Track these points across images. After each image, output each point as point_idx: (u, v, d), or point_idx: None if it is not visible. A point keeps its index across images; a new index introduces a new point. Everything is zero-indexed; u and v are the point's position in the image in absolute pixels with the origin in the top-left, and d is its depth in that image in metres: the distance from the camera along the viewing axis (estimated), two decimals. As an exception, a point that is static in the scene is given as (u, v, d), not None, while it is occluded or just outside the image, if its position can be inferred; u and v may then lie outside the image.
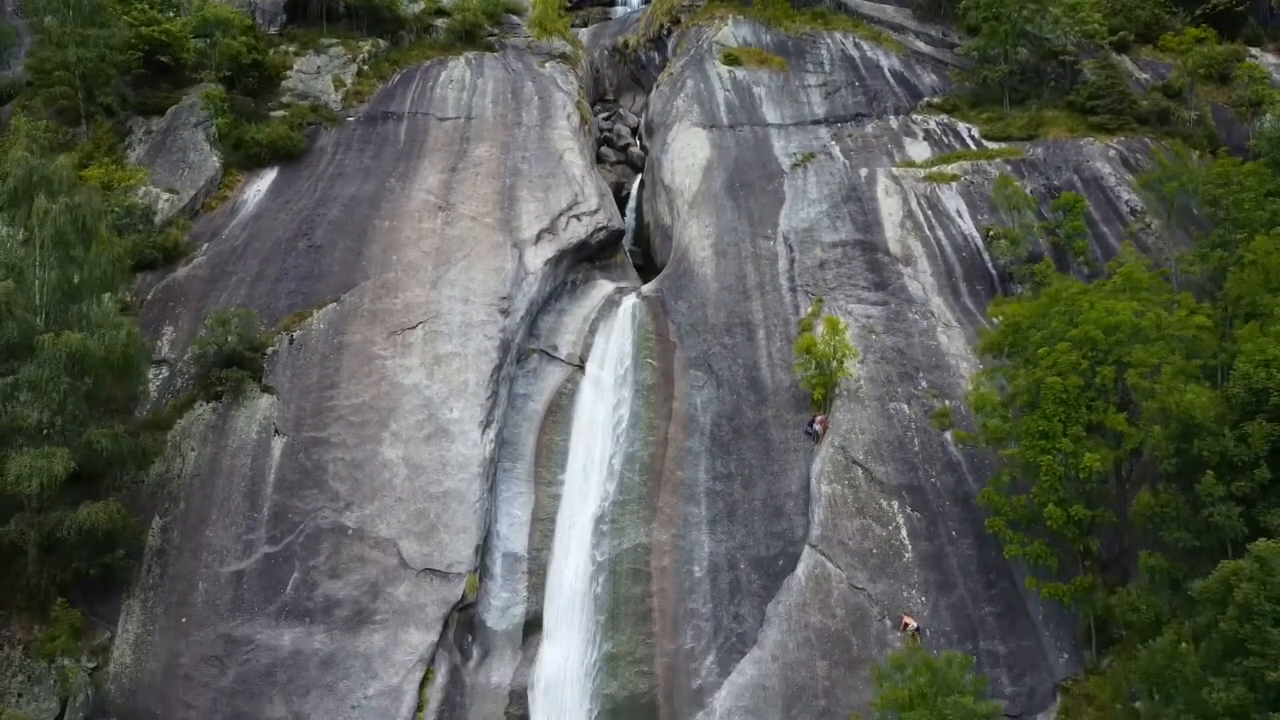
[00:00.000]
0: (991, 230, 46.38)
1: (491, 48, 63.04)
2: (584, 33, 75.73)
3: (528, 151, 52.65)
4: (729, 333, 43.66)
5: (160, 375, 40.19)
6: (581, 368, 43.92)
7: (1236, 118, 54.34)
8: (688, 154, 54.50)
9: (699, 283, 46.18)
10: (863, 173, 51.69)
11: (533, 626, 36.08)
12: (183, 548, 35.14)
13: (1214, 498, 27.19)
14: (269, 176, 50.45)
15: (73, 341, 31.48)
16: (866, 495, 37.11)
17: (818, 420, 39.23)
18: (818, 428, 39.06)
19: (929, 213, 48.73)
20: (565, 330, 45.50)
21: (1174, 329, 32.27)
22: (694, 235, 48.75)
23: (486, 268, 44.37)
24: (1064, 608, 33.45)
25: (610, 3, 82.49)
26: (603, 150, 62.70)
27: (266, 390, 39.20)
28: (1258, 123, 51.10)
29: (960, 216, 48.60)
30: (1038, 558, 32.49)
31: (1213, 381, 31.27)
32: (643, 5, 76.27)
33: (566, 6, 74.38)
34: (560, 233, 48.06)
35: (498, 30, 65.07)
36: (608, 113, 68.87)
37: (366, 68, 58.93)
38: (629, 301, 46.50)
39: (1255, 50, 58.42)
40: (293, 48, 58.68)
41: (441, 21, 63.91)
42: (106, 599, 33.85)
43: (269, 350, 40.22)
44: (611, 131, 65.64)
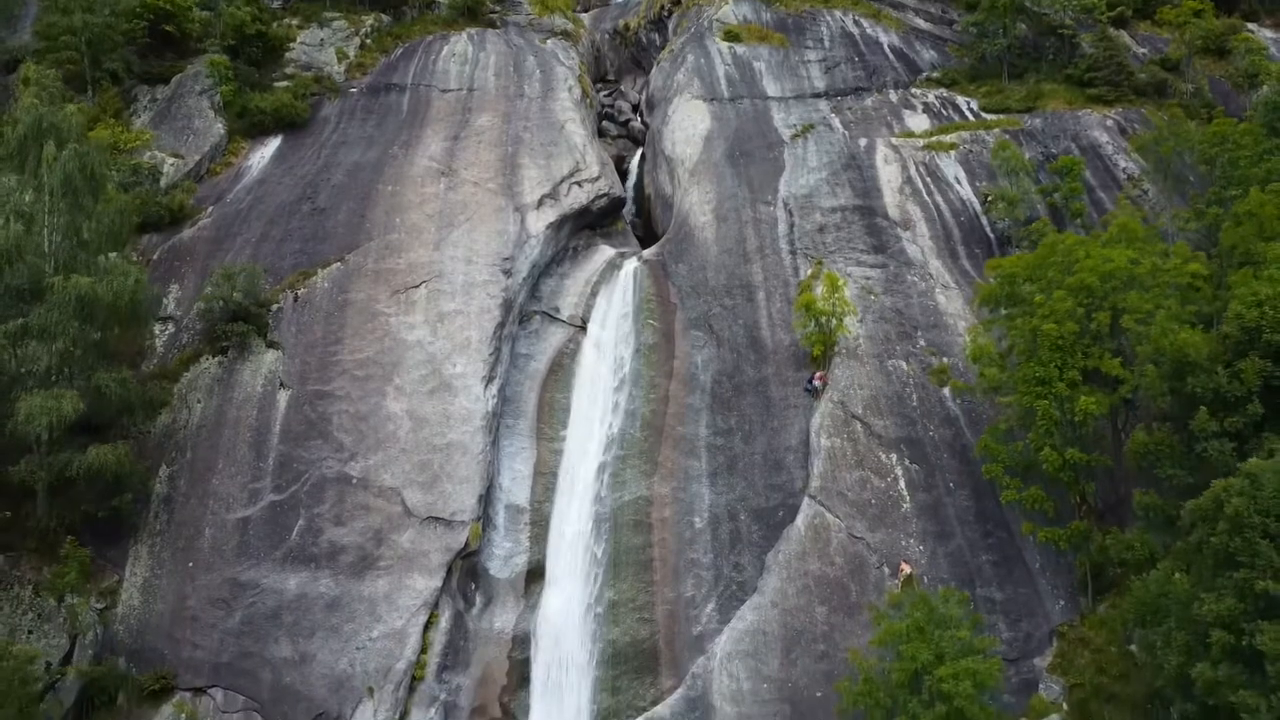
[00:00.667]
0: (989, 194, 46.76)
1: (493, 24, 63.65)
2: (585, 17, 76.29)
3: (529, 121, 53.11)
4: (729, 294, 44.03)
5: (166, 331, 40.62)
6: (583, 329, 44.30)
7: (1234, 89, 54.73)
8: (688, 125, 54.95)
9: (699, 246, 46.59)
10: (862, 142, 52.10)
11: (535, 575, 36.40)
12: (189, 495, 35.57)
13: (1207, 433, 27.49)
14: (273, 144, 51.02)
15: (82, 285, 31.79)
16: (865, 448, 37.47)
17: (817, 376, 39.61)
18: (817, 384, 39.42)
19: (928, 179, 49.11)
20: (567, 293, 45.87)
21: (1169, 276, 32.56)
22: (695, 201, 49.15)
23: (489, 230, 44.75)
24: (1060, 554, 33.78)
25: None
26: (604, 125, 63.15)
27: (272, 345, 39.62)
28: (1254, 94, 51.46)
29: (959, 183, 48.99)
30: (1034, 502, 32.77)
31: (1206, 328, 31.58)
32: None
33: (569, -11, 74.90)
34: (562, 198, 48.46)
35: (499, 7, 65.75)
36: (609, 91, 69.39)
37: (369, 41, 59.55)
38: (630, 265, 46.91)
39: (1252, 25, 58.79)
40: (296, 20, 59.24)
41: (444, -3, 64.58)
42: (114, 543, 34.28)
43: (274, 307, 40.66)
44: (613, 108, 66.17)
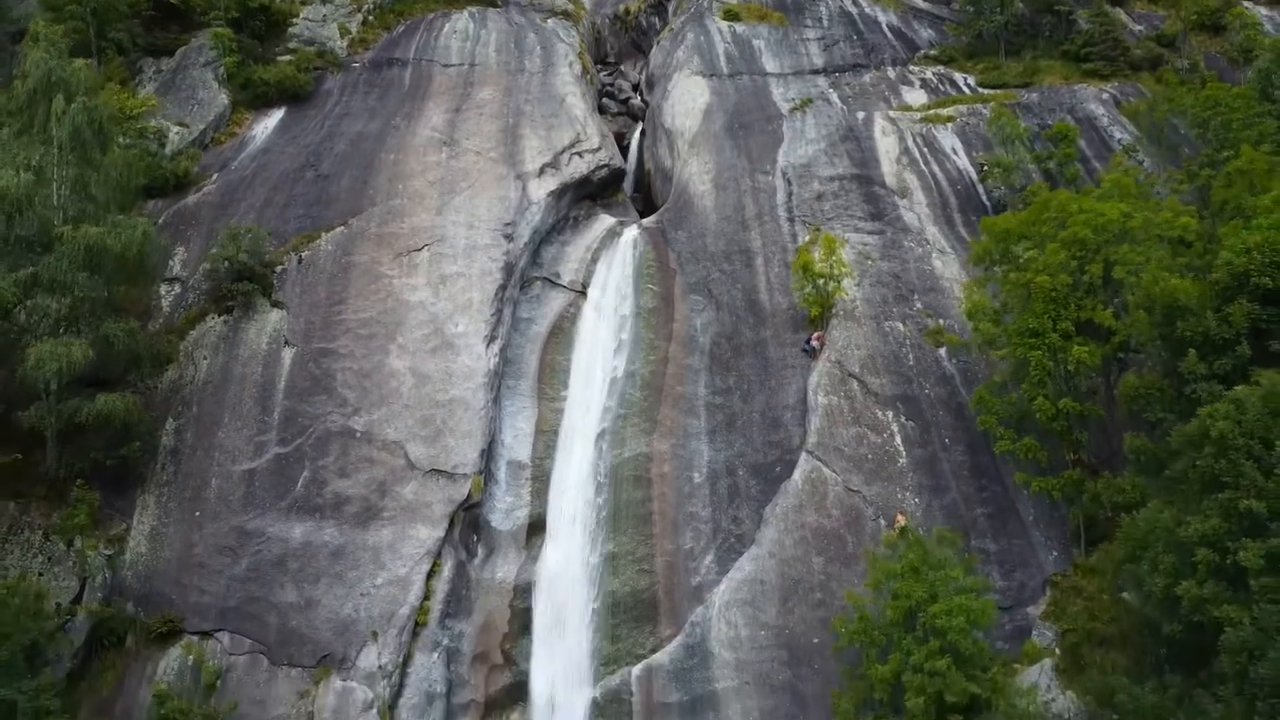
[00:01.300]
0: (985, 162, 47.30)
1: (494, 3, 64.13)
2: (586, 0, 76.63)
3: (530, 94, 53.65)
4: (728, 260, 44.56)
5: (172, 292, 41.14)
6: (584, 294, 44.78)
7: (1229, 65, 55.29)
8: (688, 99, 55.47)
9: (699, 214, 47.11)
10: (860, 115, 52.63)
11: (536, 528, 36.86)
12: (195, 448, 36.08)
13: (1196, 376, 27.98)
14: (276, 115, 51.57)
15: (91, 234, 32.27)
16: (862, 405, 37.99)
17: (815, 337, 40.13)
18: (815, 344, 39.95)
19: (925, 150, 49.63)
20: (568, 260, 46.37)
21: (1161, 229, 33.09)
22: (694, 171, 49.68)
23: (490, 197, 45.26)
24: (1054, 506, 34.33)
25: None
26: (604, 102, 63.61)
27: (276, 305, 40.12)
28: (1249, 69, 51.97)
29: (956, 153, 49.50)
30: (1028, 452, 33.31)
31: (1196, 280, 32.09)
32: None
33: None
34: (563, 167, 48.96)
35: (500, -13, 66.02)
36: (609, 72, 69.89)
37: (371, 18, 60.12)
38: (630, 232, 47.43)
39: (1247, 1, 59.35)
40: (299, -4, 59.74)
41: (445, -25, 64.91)
42: (122, 492, 34.77)
43: (278, 269, 41.18)
44: (613, 86, 66.70)
